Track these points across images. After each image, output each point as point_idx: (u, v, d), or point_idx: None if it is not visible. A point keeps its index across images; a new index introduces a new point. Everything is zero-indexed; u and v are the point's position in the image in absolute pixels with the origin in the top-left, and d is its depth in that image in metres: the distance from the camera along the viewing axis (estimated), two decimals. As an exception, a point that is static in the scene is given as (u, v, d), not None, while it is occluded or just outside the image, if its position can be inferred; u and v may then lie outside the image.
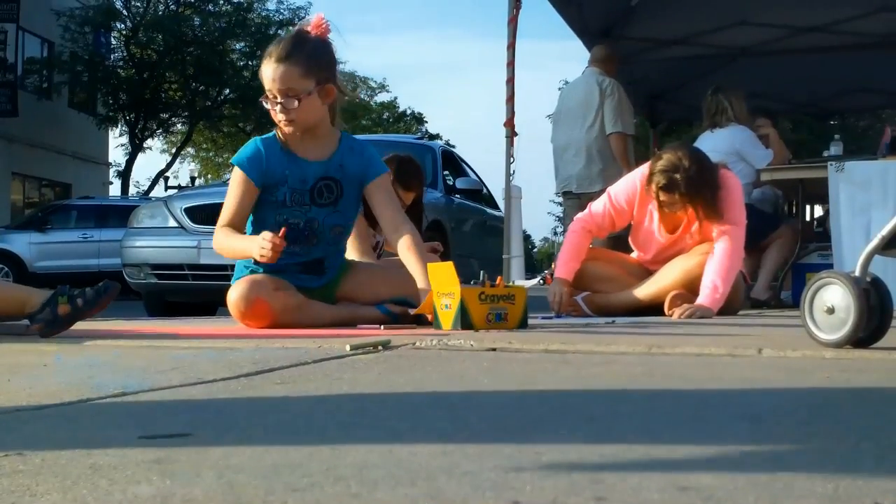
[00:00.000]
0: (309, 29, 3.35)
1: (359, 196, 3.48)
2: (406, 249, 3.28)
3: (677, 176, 4.14)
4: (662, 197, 4.22)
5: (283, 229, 3.11)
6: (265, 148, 3.37)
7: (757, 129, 6.19)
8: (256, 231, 3.30)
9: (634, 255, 4.73)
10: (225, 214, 3.33)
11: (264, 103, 3.32)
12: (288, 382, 1.67)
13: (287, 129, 3.32)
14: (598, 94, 6.41)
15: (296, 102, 3.26)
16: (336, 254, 3.55)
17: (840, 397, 1.53)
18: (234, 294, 3.23)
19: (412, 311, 3.26)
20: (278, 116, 3.28)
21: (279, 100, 3.25)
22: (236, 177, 3.36)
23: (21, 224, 19.46)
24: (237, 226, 3.32)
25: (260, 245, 3.07)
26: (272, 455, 1.02)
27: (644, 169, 4.41)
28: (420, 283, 3.20)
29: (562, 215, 7.99)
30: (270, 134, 3.45)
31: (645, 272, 4.53)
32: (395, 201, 3.49)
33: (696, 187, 4.15)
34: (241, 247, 3.23)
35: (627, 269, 4.61)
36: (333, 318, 3.37)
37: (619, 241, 5.05)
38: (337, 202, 3.43)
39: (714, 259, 4.16)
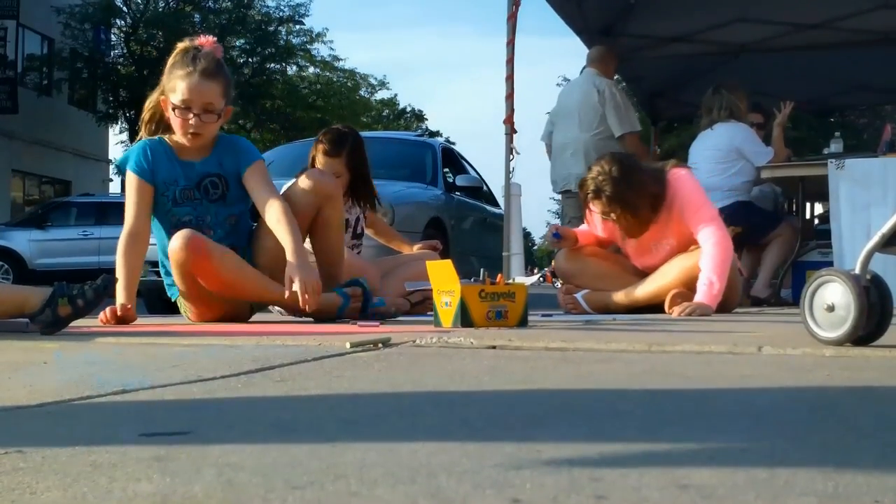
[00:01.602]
0: (207, 48, 3.45)
1: (242, 186, 3.57)
2: (275, 222, 3.36)
3: (600, 179, 4.19)
4: (596, 207, 4.27)
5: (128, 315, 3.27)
6: (152, 151, 3.51)
7: (751, 124, 6.19)
8: (158, 232, 3.57)
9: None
10: (128, 221, 3.47)
11: (173, 112, 3.40)
12: (288, 380, 1.67)
13: (191, 141, 3.44)
14: (595, 97, 6.44)
15: (215, 118, 3.41)
16: (236, 238, 3.61)
17: (840, 395, 1.53)
18: (177, 240, 3.31)
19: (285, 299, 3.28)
20: (190, 128, 3.39)
21: (196, 112, 3.37)
22: (131, 180, 3.49)
23: (21, 221, 19.46)
24: (141, 231, 3.47)
25: (111, 310, 3.27)
26: (272, 453, 1.02)
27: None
28: (289, 256, 3.24)
29: (560, 213, 8.00)
30: (155, 138, 3.57)
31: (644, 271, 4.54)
32: (269, 184, 3.52)
33: (621, 189, 4.18)
34: (119, 279, 3.36)
35: (627, 268, 4.61)
36: (275, 292, 3.38)
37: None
38: (225, 196, 3.57)
39: (704, 257, 4.16)
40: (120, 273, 3.39)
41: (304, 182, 3.66)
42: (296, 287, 3.15)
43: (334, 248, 3.77)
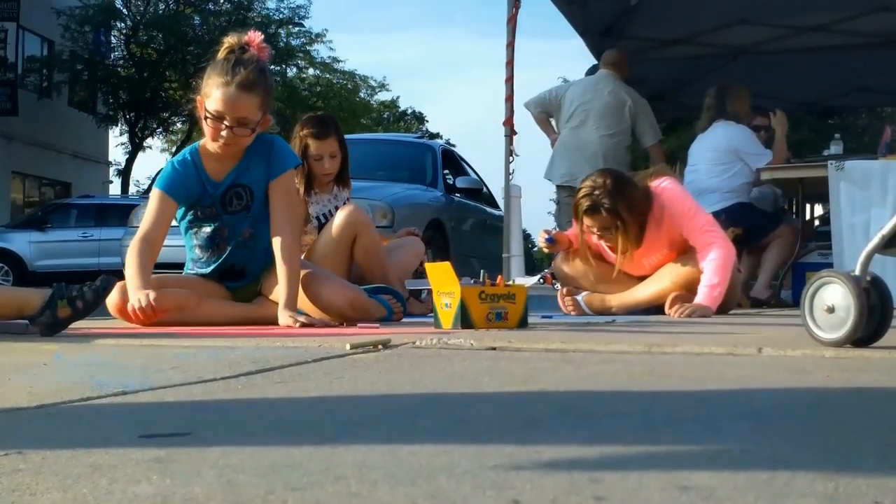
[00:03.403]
0: (252, 49, 3.32)
1: (268, 195, 3.45)
2: (279, 262, 3.28)
3: (597, 192, 4.17)
4: (595, 224, 4.22)
5: (156, 313, 3.03)
6: (184, 172, 3.40)
7: (755, 127, 6.19)
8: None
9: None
10: (144, 226, 3.35)
11: (205, 121, 3.27)
12: (288, 381, 1.67)
13: (223, 150, 3.33)
14: (626, 106, 6.54)
15: (249, 131, 3.28)
16: (252, 257, 3.53)
17: (840, 396, 1.53)
18: (110, 300, 3.17)
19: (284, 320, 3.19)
20: (221, 139, 3.26)
21: (228, 123, 3.23)
22: (155, 193, 3.38)
23: (21, 223, 19.47)
24: (155, 237, 3.33)
25: (136, 300, 3.06)
26: (272, 454, 1.02)
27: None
28: (281, 302, 3.21)
29: (557, 205, 8.00)
30: (185, 156, 3.44)
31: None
32: (289, 206, 3.44)
33: (618, 199, 4.17)
34: (129, 283, 3.18)
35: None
36: (232, 317, 3.40)
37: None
38: (249, 208, 3.46)
39: (707, 261, 4.16)
40: (131, 273, 3.19)
41: (337, 217, 3.94)
42: (295, 324, 3.11)
43: (378, 267, 3.95)
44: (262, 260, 3.50)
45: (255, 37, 3.35)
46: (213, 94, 3.24)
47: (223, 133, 3.25)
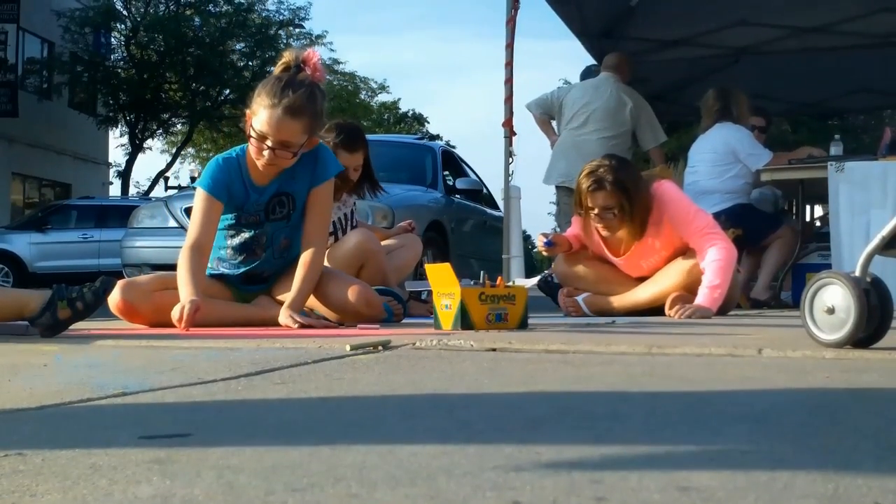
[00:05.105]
0: (307, 69, 3.32)
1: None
2: (300, 265, 3.31)
3: (601, 170, 4.18)
4: (597, 202, 4.20)
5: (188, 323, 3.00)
6: (227, 171, 3.39)
7: (752, 127, 6.19)
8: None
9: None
10: (192, 233, 3.33)
11: (251, 141, 3.28)
12: (288, 382, 1.67)
13: (264, 169, 3.34)
14: (627, 109, 6.57)
15: (290, 155, 3.28)
16: (282, 266, 3.55)
17: (840, 397, 1.53)
18: (112, 298, 3.19)
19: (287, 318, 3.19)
20: (262, 158, 3.27)
21: (271, 145, 3.23)
22: (200, 195, 3.37)
23: (21, 224, 19.48)
24: (204, 244, 3.33)
25: (180, 309, 3.03)
26: (272, 455, 1.02)
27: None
28: (287, 300, 3.23)
29: (556, 212, 7.99)
30: (231, 156, 3.44)
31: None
32: (324, 215, 3.48)
33: (622, 177, 4.18)
34: (180, 289, 3.16)
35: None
36: (233, 318, 3.40)
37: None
38: (290, 216, 3.47)
39: (708, 262, 4.16)
40: (182, 278, 3.17)
41: (348, 241, 3.99)
42: (294, 324, 3.12)
43: (380, 279, 3.94)
44: (285, 267, 3.52)
45: (313, 55, 3.35)
46: (259, 113, 3.23)
47: (265, 153, 3.25)
